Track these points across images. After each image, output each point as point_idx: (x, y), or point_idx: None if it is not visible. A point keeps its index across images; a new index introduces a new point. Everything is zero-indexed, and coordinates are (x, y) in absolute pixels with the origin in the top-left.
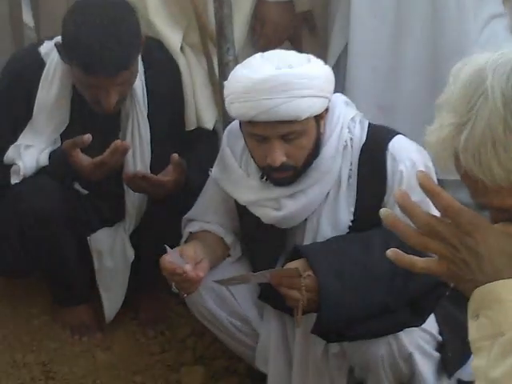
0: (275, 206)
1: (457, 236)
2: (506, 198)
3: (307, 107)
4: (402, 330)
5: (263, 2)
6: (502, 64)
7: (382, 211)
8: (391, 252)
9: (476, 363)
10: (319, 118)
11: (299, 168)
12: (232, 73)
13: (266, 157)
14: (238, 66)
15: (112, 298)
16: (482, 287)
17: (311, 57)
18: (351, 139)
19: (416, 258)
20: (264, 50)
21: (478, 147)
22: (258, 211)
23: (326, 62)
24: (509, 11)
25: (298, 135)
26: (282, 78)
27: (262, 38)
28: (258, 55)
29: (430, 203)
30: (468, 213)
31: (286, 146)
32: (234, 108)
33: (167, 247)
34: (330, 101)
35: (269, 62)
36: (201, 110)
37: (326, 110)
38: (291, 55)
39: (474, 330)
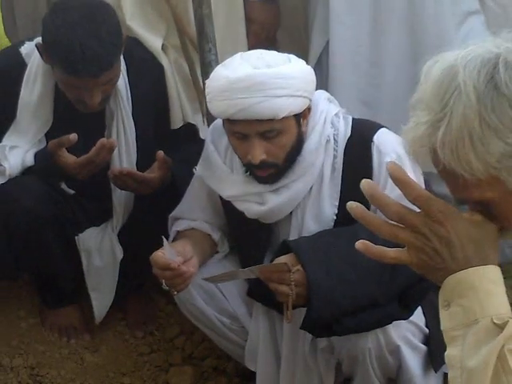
0: (259, 201)
1: (427, 225)
2: (486, 190)
3: (284, 106)
4: (390, 323)
5: (248, 1)
6: (472, 59)
7: (349, 204)
8: (360, 244)
9: (450, 352)
10: (300, 118)
11: (281, 166)
12: (213, 72)
13: (247, 154)
14: (219, 66)
15: (101, 298)
16: (452, 276)
17: (292, 57)
18: (335, 134)
19: (386, 249)
20: (253, 48)
21: (455, 142)
22: (242, 206)
23: (307, 62)
24: (483, 8)
25: (278, 133)
26: (257, 77)
27: (250, 37)
28: (239, 55)
29: None
30: (438, 202)
31: (266, 144)
32: (212, 106)
33: (164, 238)
34: (310, 101)
35: (247, 61)
36: (186, 107)
37: (309, 109)
38: (271, 55)
39: (447, 319)
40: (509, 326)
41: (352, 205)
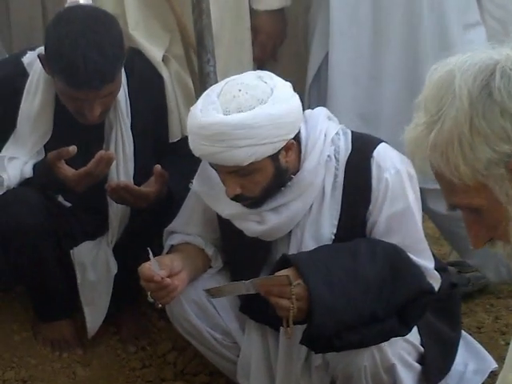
0: (258, 220)
1: None
2: (474, 197)
3: (246, 156)
4: (389, 340)
5: (255, 11)
6: (471, 65)
7: None
8: None
9: None
10: (279, 155)
11: (258, 198)
12: (198, 100)
13: (224, 186)
14: (204, 95)
15: (94, 312)
16: None
17: (275, 94)
18: (336, 152)
19: None
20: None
21: (445, 145)
22: (241, 225)
23: (306, 73)
24: (484, 22)
25: (250, 172)
26: (220, 127)
27: (257, 47)
28: (223, 83)
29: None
30: None
31: (240, 180)
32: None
33: (149, 250)
34: (288, 140)
35: (223, 99)
36: (185, 120)
37: (297, 140)
38: (249, 93)
39: None
40: None
41: None
